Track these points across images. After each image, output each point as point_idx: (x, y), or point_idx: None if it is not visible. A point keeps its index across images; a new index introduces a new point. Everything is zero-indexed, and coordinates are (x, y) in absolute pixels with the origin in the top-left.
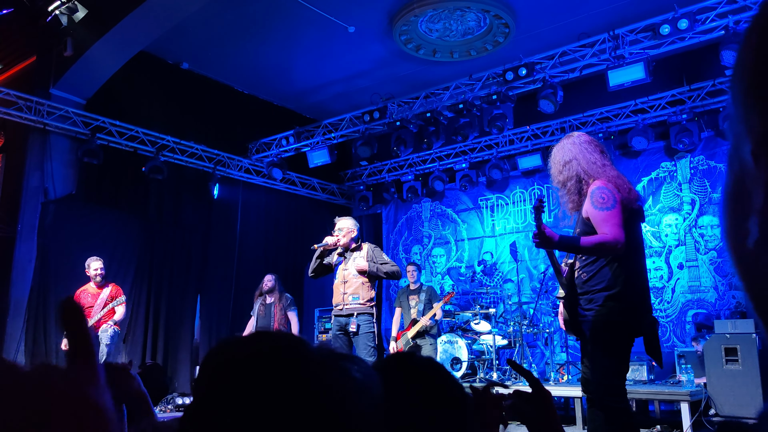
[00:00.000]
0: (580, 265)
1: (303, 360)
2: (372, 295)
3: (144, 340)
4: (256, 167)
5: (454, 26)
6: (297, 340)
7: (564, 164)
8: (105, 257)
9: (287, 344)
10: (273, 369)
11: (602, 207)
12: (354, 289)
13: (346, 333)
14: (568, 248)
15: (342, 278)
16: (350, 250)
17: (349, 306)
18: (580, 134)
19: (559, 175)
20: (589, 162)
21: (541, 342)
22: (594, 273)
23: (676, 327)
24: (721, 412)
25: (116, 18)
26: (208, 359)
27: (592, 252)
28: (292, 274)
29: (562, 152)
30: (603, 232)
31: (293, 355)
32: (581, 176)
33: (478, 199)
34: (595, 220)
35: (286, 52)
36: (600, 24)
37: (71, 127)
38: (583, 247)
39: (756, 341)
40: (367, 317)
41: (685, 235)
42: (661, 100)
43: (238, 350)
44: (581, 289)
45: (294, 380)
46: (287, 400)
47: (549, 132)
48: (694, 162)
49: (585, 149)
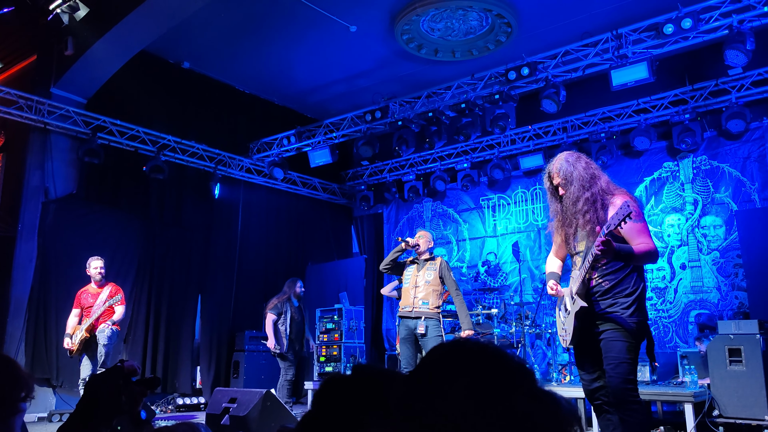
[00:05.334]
0: (601, 274)
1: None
2: (440, 302)
3: (145, 341)
4: (257, 167)
5: (456, 25)
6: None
7: (590, 179)
8: (106, 257)
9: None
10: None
11: (637, 219)
12: (425, 294)
13: (414, 336)
14: (623, 256)
15: (413, 283)
16: (425, 259)
17: (418, 309)
18: (576, 152)
19: (585, 192)
20: (606, 179)
21: (543, 342)
22: (619, 280)
23: (679, 327)
24: (724, 413)
25: (117, 17)
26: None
27: (642, 260)
28: (294, 273)
29: (584, 168)
30: (643, 242)
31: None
32: (601, 193)
33: (479, 199)
34: (630, 232)
35: (288, 52)
36: (603, 23)
37: (72, 126)
38: (636, 254)
39: (760, 342)
40: (435, 322)
41: (688, 236)
42: (664, 100)
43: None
44: (603, 297)
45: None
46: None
47: (551, 132)
48: (696, 162)
49: (597, 166)
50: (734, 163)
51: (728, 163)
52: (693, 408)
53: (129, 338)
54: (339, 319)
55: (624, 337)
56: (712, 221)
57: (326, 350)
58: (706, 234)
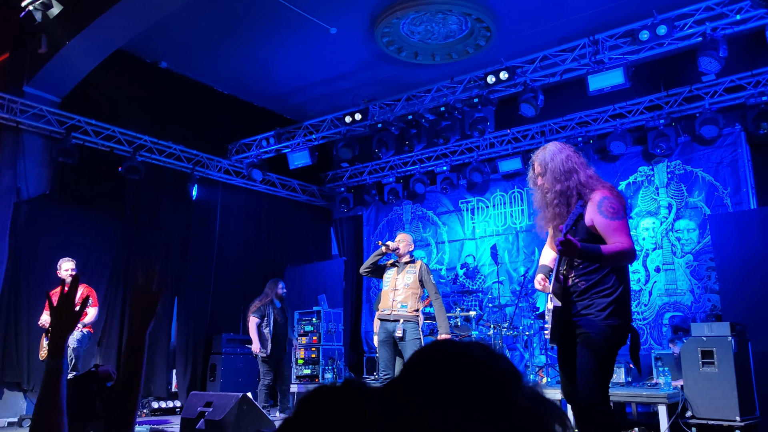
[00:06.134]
0: (577, 273)
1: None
2: (419, 305)
3: (119, 343)
4: (236, 168)
5: (435, 29)
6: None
7: (565, 172)
8: (79, 259)
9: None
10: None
11: (613, 217)
12: (404, 297)
13: (392, 339)
14: (589, 256)
15: (393, 286)
16: (405, 262)
17: (397, 312)
18: (567, 144)
19: (557, 184)
20: (587, 174)
21: (520, 344)
22: (596, 281)
23: (653, 329)
24: (697, 414)
25: (93, 15)
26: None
27: (611, 260)
28: (273, 276)
29: (562, 160)
30: (618, 242)
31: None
32: (578, 188)
33: (458, 201)
34: (606, 230)
35: (267, 53)
36: (580, 29)
37: (45, 125)
38: (604, 255)
39: (732, 344)
40: (413, 325)
41: (662, 239)
42: (639, 105)
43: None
44: (579, 297)
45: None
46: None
47: (530, 135)
48: (671, 167)
49: (582, 161)
50: (707, 168)
51: (701, 168)
52: (667, 409)
53: (103, 341)
54: (318, 321)
55: (595, 345)
56: (685, 225)
57: (304, 353)
58: (680, 237)
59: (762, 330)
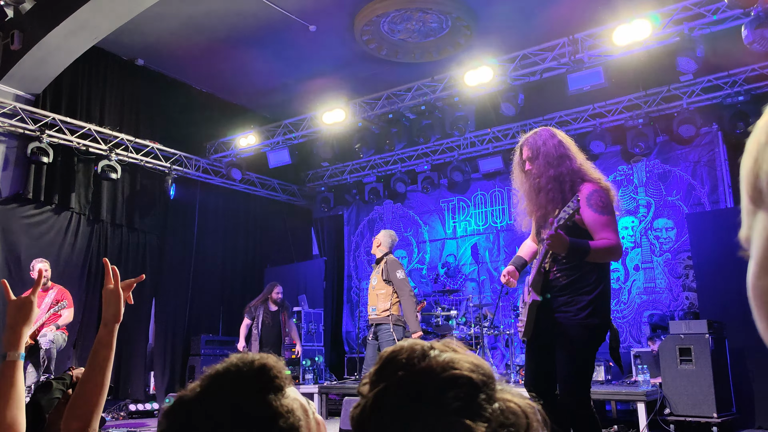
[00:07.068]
0: (559, 268)
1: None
2: (388, 306)
3: None
4: (215, 167)
5: (416, 27)
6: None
7: (558, 157)
8: (54, 259)
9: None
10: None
11: (602, 211)
12: (371, 300)
13: (376, 338)
14: (578, 252)
15: (370, 288)
16: (377, 262)
17: (370, 316)
18: (558, 129)
19: (550, 169)
20: (578, 161)
21: (501, 343)
22: (577, 277)
23: (632, 327)
24: (675, 411)
25: (68, 11)
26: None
27: (601, 257)
28: (251, 277)
29: (555, 145)
30: (605, 237)
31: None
32: (571, 174)
33: (439, 201)
34: (594, 224)
35: (246, 51)
36: (560, 28)
37: (19, 123)
38: (592, 251)
39: (709, 341)
40: (385, 327)
41: (641, 238)
42: (618, 105)
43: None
44: (560, 293)
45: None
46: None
47: (510, 135)
48: (649, 166)
49: (574, 146)
50: (685, 167)
51: (679, 167)
52: (645, 407)
53: (79, 343)
54: (298, 321)
55: (575, 345)
56: (664, 224)
57: (285, 353)
58: (659, 236)
59: (739, 327)
